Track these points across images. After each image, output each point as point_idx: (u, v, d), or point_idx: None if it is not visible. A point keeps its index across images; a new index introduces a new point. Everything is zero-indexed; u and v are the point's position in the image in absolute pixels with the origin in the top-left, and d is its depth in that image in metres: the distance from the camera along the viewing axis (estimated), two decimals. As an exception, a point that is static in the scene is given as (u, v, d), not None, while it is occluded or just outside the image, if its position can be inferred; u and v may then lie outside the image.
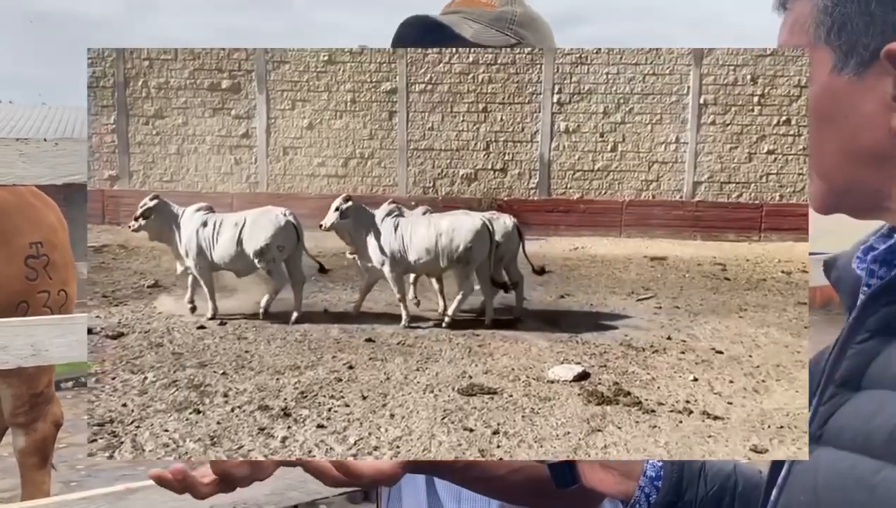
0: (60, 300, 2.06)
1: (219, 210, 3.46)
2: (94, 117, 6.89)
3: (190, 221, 3.30)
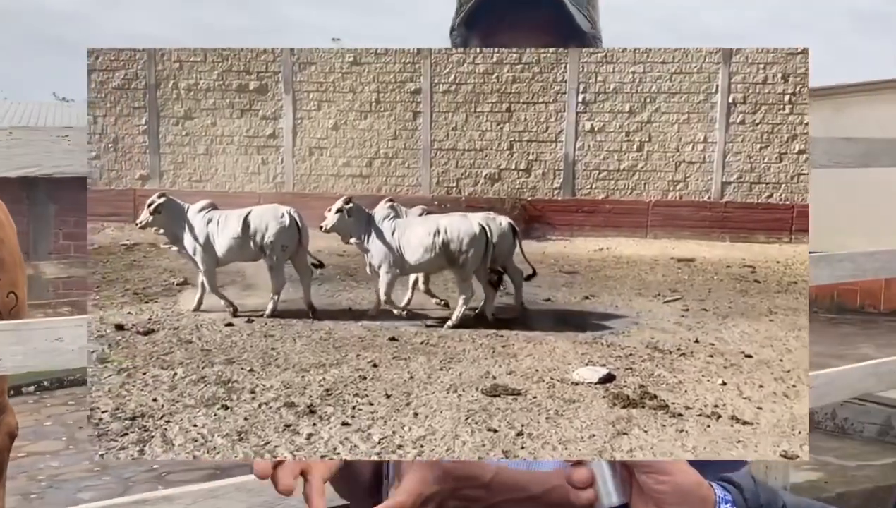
0: (10, 303, 1.90)
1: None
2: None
3: (196, 218, 3.39)
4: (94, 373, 2.56)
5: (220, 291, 3.42)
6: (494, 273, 3.40)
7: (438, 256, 3.30)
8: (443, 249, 3.27)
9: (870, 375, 2.76)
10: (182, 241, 3.42)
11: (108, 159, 7.14)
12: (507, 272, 3.49)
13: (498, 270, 3.44)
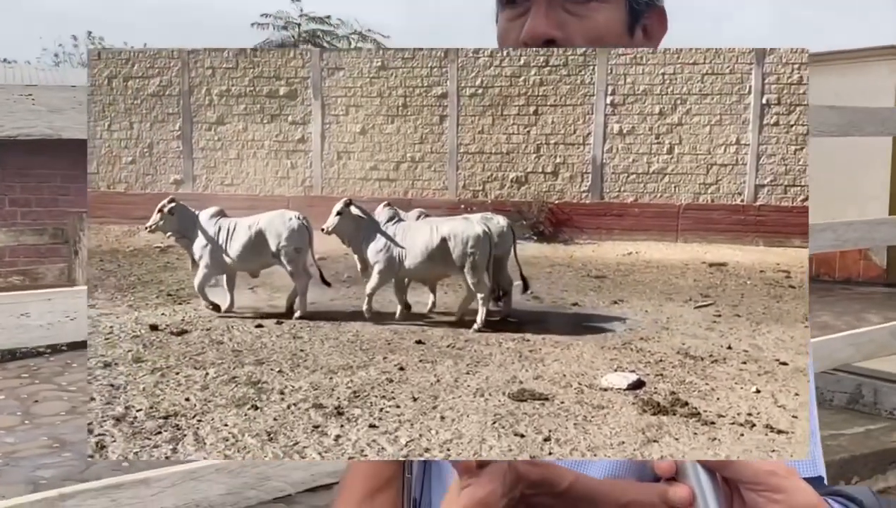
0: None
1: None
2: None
3: (206, 225, 3.47)
4: (130, 372, 2.63)
5: (206, 293, 3.50)
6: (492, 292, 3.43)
7: (442, 261, 3.30)
8: (448, 254, 3.28)
9: (849, 345, 2.74)
10: (191, 246, 3.49)
11: (144, 164, 7.35)
12: (500, 275, 3.52)
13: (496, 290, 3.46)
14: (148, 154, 7.34)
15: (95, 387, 2.47)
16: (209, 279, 3.50)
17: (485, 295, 3.30)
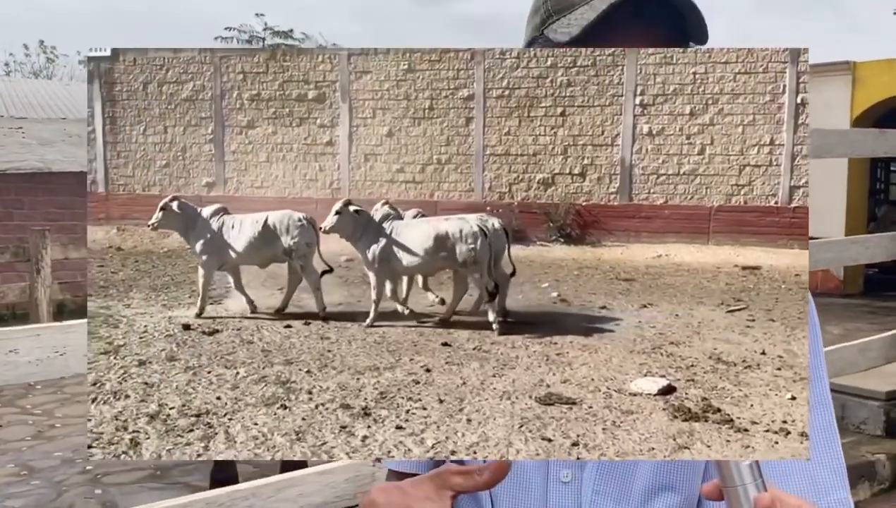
0: None
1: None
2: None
3: (208, 222, 3.54)
4: (163, 371, 2.70)
5: (207, 291, 3.58)
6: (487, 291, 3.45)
7: (442, 259, 3.36)
8: (448, 253, 3.34)
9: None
10: (192, 243, 3.58)
11: (177, 167, 7.53)
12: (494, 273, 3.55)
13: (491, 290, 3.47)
14: (181, 157, 7.52)
15: (130, 385, 2.53)
16: (211, 278, 3.59)
17: (491, 290, 3.36)
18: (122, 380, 2.59)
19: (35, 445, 3.70)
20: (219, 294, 4.01)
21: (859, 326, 5.85)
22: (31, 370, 1.49)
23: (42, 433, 3.75)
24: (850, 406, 3.70)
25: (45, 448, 3.66)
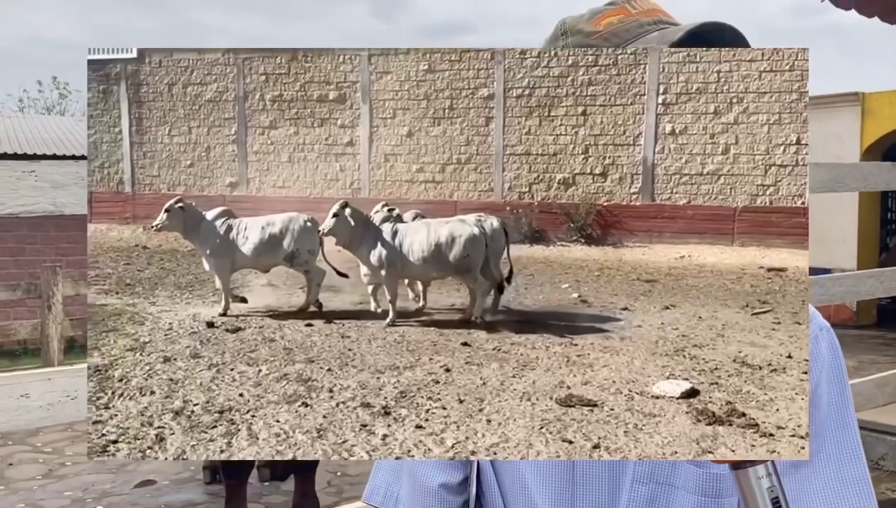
0: None
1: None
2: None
3: (213, 225, 3.59)
4: (188, 368, 2.74)
5: (231, 294, 3.62)
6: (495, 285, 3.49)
7: (441, 262, 3.38)
8: (447, 255, 3.36)
9: None
10: (200, 246, 3.62)
11: (201, 167, 7.65)
12: (493, 272, 3.57)
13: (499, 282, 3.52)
14: (205, 157, 7.64)
15: (155, 381, 2.58)
16: (227, 278, 3.62)
17: (482, 294, 3.40)
18: (147, 376, 2.64)
19: (45, 484, 3.70)
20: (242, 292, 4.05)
21: (874, 358, 5.76)
22: (42, 414, 1.49)
23: (52, 471, 3.74)
24: (868, 441, 3.68)
25: (55, 488, 3.68)
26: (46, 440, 3.98)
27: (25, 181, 2.67)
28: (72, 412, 1.71)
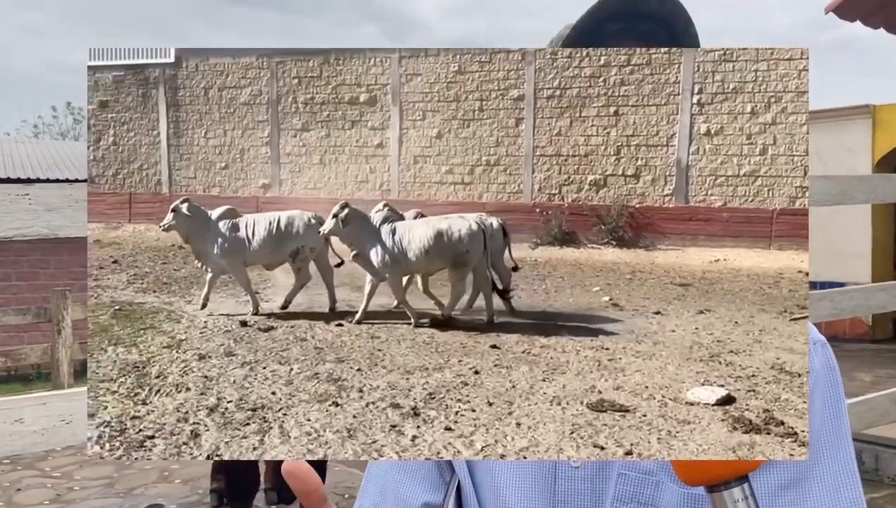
0: None
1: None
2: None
3: (219, 224, 3.62)
4: (222, 365, 2.79)
5: (252, 289, 3.67)
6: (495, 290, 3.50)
7: (441, 257, 3.40)
8: (446, 250, 3.38)
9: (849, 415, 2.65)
10: (208, 246, 3.65)
11: (236, 169, 7.81)
12: (497, 272, 3.58)
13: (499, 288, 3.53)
14: (239, 159, 7.79)
15: (191, 378, 2.64)
16: (244, 274, 3.67)
17: (455, 295, 3.41)
18: (183, 373, 2.70)
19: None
20: (274, 292, 4.12)
21: (891, 372, 5.58)
22: (36, 439, 1.47)
23: (60, 496, 3.68)
24: (884, 457, 3.55)
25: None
26: (55, 464, 3.86)
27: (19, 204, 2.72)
28: (66, 436, 1.70)
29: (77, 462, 3.94)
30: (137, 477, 3.88)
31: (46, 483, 3.78)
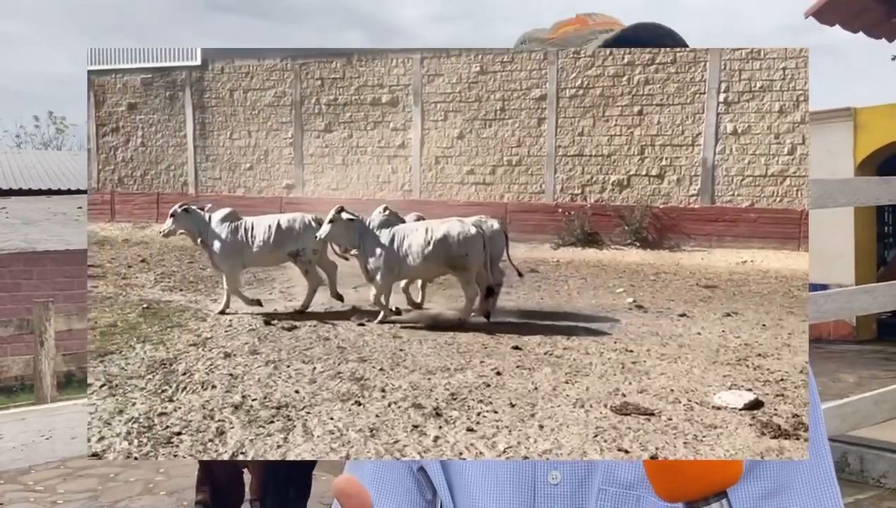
0: None
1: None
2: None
3: (219, 227, 3.65)
4: (246, 363, 2.83)
5: (241, 292, 3.68)
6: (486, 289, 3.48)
7: (440, 261, 3.39)
8: (445, 255, 3.36)
9: (834, 417, 2.78)
10: (208, 248, 3.69)
11: (260, 170, 7.91)
12: (492, 274, 3.55)
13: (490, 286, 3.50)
14: (264, 160, 7.90)
15: (216, 376, 2.68)
16: (236, 277, 3.68)
17: (469, 299, 3.39)
18: (209, 371, 2.74)
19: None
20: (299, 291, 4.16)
21: (874, 373, 5.47)
22: (15, 455, 1.43)
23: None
24: (868, 458, 3.52)
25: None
26: (38, 478, 3.81)
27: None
28: (45, 452, 1.66)
29: (60, 476, 3.88)
30: (122, 490, 3.84)
31: (30, 498, 3.75)
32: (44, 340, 5.07)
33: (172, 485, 3.88)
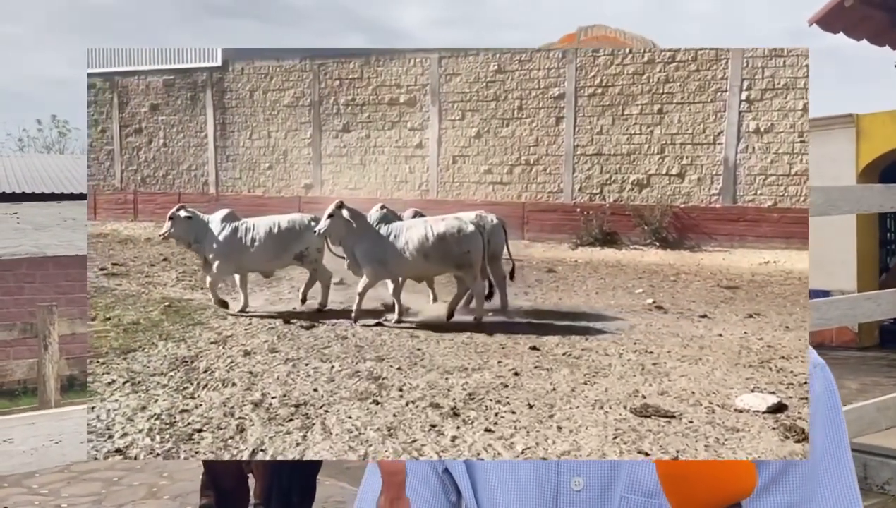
0: None
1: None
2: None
3: (218, 228, 3.64)
4: (266, 361, 2.86)
5: (217, 292, 3.68)
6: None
7: (440, 260, 3.37)
8: (446, 252, 3.34)
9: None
10: (205, 250, 3.67)
11: (279, 169, 7.99)
12: (493, 270, 3.54)
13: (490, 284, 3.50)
14: (283, 160, 7.97)
15: (237, 373, 2.71)
16: (221, 279, 3.70)
17: (479, 294, 3.37)
18: (229, 369, 2.77)
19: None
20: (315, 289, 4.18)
21: (877, 380, 5.39)
22: (25, 459, 1.43)
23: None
24: (872, 466, 3.46)
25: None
26: (42, 482, 3.81)
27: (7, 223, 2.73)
28: (56, 456, 1.65)
29: (65, 479, 3.90)
30: (126, 494, 3.83)
31: (34, 501, 3.71)
32: (47, 344, 5.08)
33: (176, 489, 3.88)
